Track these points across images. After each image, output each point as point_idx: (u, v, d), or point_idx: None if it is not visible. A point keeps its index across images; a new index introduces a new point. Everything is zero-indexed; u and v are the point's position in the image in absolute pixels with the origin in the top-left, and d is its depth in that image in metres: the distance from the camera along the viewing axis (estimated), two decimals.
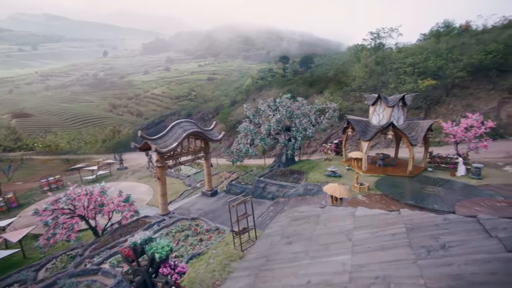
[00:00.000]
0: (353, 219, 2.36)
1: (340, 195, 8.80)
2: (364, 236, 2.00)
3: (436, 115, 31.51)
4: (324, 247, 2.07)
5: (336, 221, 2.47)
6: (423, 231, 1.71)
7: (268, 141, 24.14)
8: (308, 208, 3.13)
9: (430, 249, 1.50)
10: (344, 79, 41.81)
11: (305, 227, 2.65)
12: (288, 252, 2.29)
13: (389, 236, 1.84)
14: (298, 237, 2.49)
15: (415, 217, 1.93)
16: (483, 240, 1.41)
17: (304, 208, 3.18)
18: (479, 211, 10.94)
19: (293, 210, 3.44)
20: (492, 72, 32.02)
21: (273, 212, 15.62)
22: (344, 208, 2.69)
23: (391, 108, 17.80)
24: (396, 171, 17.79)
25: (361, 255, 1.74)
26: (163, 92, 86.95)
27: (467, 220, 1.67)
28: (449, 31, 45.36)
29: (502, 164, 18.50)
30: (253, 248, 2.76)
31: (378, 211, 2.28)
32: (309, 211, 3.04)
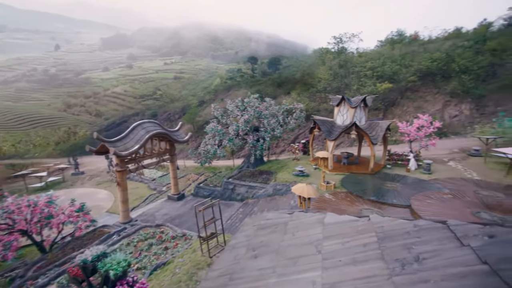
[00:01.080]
0: (322, 227, 2.21)
1: (308, 195, 8.89)
2: (334, 247, 1.85)
3: (392, 116, 34.07)
4: (293, 262, 1.88)
5: (305, 229, 2.31)
6: (394, 240, 1.61)
7: (237, 141, 23.85)
8: (276, 214, 2.93)
9: (404, 262, 1.39)
10: (310, 80, 43.21)
11: (273, 237, 2.44)
12: (253, 268, 2.05)
13: (360, 247, 1.71)
14: (265, 249, 2.27)
15: (385, 224, 1.83)
16: (456, 249, 1.32)
17: (271, 215, 2.97)
18: (430, 204, 11.93)
19: (260, 217, 3.22)
20: (437, 78, 35.65)
21: (243, 214, 15.39)
22: (312, 214, 2.54)
23: (354, 109, 18.70)
24: (359, 169, 18.72)
25: (332, 270, 1.58)
26: (125, 91, 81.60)
27: (437, 227, 1.60)
28: (402, 40, 49.56)
29: (446, 160, 20.55)
30: (216, 263, 2.47)
31: (347, 218, 2.17)
32: (277, 218, 2.85)
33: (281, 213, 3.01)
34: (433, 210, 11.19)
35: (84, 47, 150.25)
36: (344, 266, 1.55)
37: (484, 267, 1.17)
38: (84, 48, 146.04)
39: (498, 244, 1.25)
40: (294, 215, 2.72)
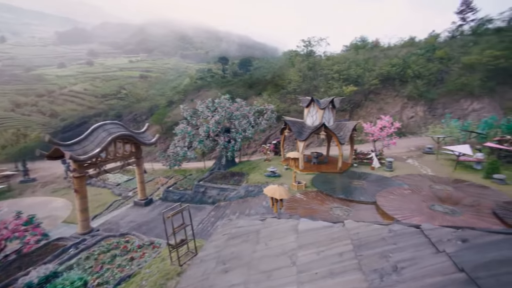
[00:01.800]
0: (296, 234, 2.10)
1: (280, 196, 8.89)
2: (309, 257, 1.74)
3: (358, 117, 36.02)
4: (266, 276, 1.74)
5: (278, 238, 2.18)
6: (371, 247, 1.55)
7: (207, 143, 23.31)
8: (247, 221, 2.77)
9: (382, 272, 1.33)
10: (281, 82, 43.96)
11: (244, 247, 2.28)
12: (224, 284, 1.87)
13: (336, 257, 1.63)
14: (236, 262, 2.10)
15: (360, 229, 1.78)
16: (433, 256, 1.29)
17: (242, 222, 2.81)
18: (393, 199, 12.71)
19: (231, 224, 3.03)
20: (396, 82, 38.56)
21: (214, 217, 15.01)
22: (285, 221, 2.43)
23: (323, 110, 19.33)
24: (328, 168, 19.38)
25: (309, 285, 1.47)
26: (85, 89, 75.43)
27: (412, 231, 1.57)
28: (365, 45, 52.79)
29: (405, 157, 22.22)
30: (184, 280, 2.24)
31: (321, 224, 2.09)
32: (248, 225, 2.69)
33: (253, 219, 2.86)
34: (396, 205, 11.93)
35: (35, 40, 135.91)
36: (320, 279, 1.45)
37: (462, 275, 1.14)
38: (35, 42, 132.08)
39: (472, 249, 1.23)
40: (266, 221, 2.58)
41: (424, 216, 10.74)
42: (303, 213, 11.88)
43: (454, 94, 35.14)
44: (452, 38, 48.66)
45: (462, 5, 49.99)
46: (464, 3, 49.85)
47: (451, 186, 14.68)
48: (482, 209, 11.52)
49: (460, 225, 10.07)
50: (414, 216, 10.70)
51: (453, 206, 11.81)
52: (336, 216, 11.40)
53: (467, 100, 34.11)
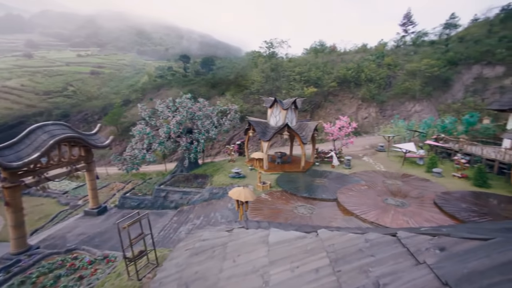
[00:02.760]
0: (266, 247, 1.92)
1: (245, 198, 8.72)
2: (283, 275, 1.57)
3: (318, 117, 37.71)
4: None
5: (247, 252, 1.98)
6: (348, 261, 1.43)
7: (168, 144, 22.12)
8: (212, 233, 2.51)
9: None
10: (244, 82, 43.97)
11: (210, 265, 2.02)
12: None
13: (313, 274, 1.48)
14: (201, 285, 1.84)
15: (335, 240, 1.66)
16: (414, 269, 1.22)
17: (207, 234, 2.53)
18: (352, 195, 13.47)
19: (194, 237, 2.73)
20: (351, 84, 41.38)
21: (177, 223, 14.22)
22: (254, 231, 2.23)
23: (286, 110, 19.70)
24: (292, 167, 19.82)
25: None
26: (22, 85, 66.06)
27: (388, 240, 1.50)
28: (323, 49, 55.64)
29: (361, 155, 23.89)
30: None
31: (293, 234, 1.93)
32: (214, 238, 2.43)
33: (219, 230, 2.60)
34: (354, 201, 12.65)
35: None
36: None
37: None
38: None
39: (452, 259, 1.17)
40: (234, 233, 2.35)
41: (379, 209, 11.55)
42: (269, 214, 11.90)
43: (400, 97, 38.98)
44: (397, 47, 54.00)
45: (404, 18, 55.80)
46: (406, 17, 55.71)
47: (400, 180, 16.13)
48: (425, 200, 12.84)
49: (409, 215, 11.06)
50: (371, 211, 11.45)
51: (403, 198, 12.95)
52: (301, 215, 11.64)
53: (411, 102, 38.13)
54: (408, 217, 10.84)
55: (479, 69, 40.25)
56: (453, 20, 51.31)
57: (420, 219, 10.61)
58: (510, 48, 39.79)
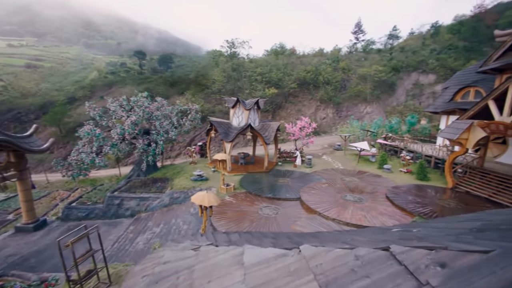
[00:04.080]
0: (242, 270, 1.63)
1: (209, 203, 8.27)
2: None
3: (279, 118, 38.54)
4: None
5: (219, 277, 1.67)
6: (342, 286, 1.23)
7: (123, 147, 20.29)
8: (176, 254, 2.13)
9: None
10: (205, 81, 42.83)
11: None
12: None
13: None
14: None
15: (321, 258, 1.45)
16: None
17: (169, 255, 2.14)
18: (314, 194, 13.88)
19: (153, 258, 2.32)
20: (310, 86, 43.25)
21: (134, 232, 13.01)
22: (225, 249, 1.92)
23: (248, 111, 19.58)
24: (255, 168, 19.77)
25: None
26: None
27: (381, 256, 1.34)
28: (283, 51, 57.17)
29: (321, 154, 25.00)
30: None
31: (272, 252, 1.68)
32: (177, 259, 2.06)
33: (183, 249, 2.23)
34: (317, 199, 13.05)
35: None
36: None
37: None
38: None
39: (456, 277, 1.04)
40: (201, 252, 2.01)
41: (339, 206, 12.09)
42: (234, 217, 11.58)
43: (353, 99, 41.99)
44: (350, 53, 58.19)
45: (356, 27, 60.49)
46: (357, 26, 60.45)
47: (357, 177, 17.22)
48: (379, 194, 13.87)
49: (366, 210, 11.78)
50: (333, 208, 11.92)
51: (360, 194, 13.80)
52: (266, 216, 11.57)
53: (363, 104, 41.35)
54: (365, 211, 11.54)
55: (417, 76, 45.54)
56: (395, 32, 57.29)
57: (376, 213, 11.38)
58: (439, 59, 45.86)
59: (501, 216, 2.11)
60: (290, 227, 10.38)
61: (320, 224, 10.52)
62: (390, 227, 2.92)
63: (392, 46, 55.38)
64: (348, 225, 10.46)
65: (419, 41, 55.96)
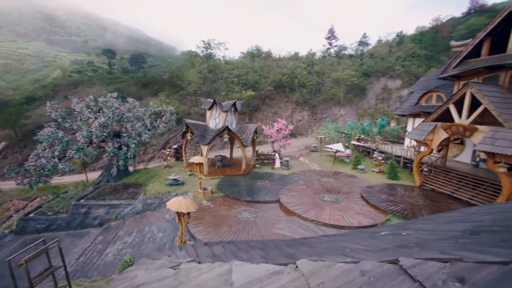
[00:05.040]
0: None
1: (186, 209, 7.84)
2: None
3: (256, 120, 38.57)
4: None
5: None
6: None
7: (90, 151, 18.90)
8: (151, 274, 1.85)
9: None
10: (180, 83, 41.62)
11: None
12: None
13: None
14: None
15: (322, 275, 1.29)
16: None
17: (143, 276, 1.85)
18: (293, 196, 13.93)
19: (125, 281, 2.01)
20: (286, 89, 43.91)
21: (103, 243, 12.06)
22: (210, 267, 1.69)
23: (225, 113, 19.25)
24: (233, 171, 19.45)
25: None
26: None
27: (391, 271, 1.21)
28: (260, 54, 57.56)
29: (298, 156, 25.34)
30: None
31: (264, 269, 1.48)
32: (154, 281, 1.78)
33: (159, 267, 1.95)
34: (295, 201, 13.09)
35: None
36: None
37: None
38: None
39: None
40: (181, 271, 1.75)
41: (318, 207, 12.23)
42: (212, 222, 11.20)
43: (328, 102, 43.36)
44: (324, 57, 60.21)
45: (329, 33, 62.78)
46: (330, 32, 62.78)
47: (333, 178, 17.64)
48: (354, 194, 14.29)
49: (343, 210, 12.03)
50: (311, 209, 12.02)
51: (336, 195, 14.11)
52: (245, 220, 11.34)
53: (337, 107, 42.86)
54: (342, 211, 11.78)
55: (385, 81, 48.33)
56: (365, 39, 60.40)
57: (352, 213, 11.67)
58: (404, 66, 49.17)
59: (488, 216, 2.14)
60: (270, 230, 10.26)
61: (299, 226, 10.53)
62: (378, 230, 2.88)
63: (363, 52, 58.27)
64: (326, 225, 10.59)
65: (386, 49, 59.56)
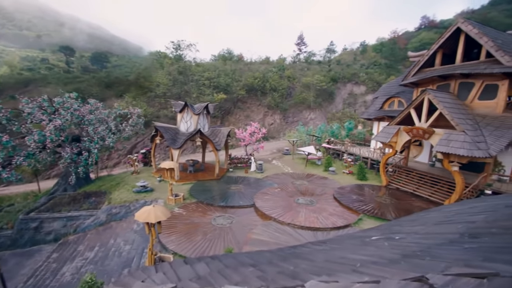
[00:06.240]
0: None
1: (156, 218, 7.23)
2: None
3: (228, 123, 38.12)
4: None
5: None
6: None
7: (43, 157, 16.97)
8: None
9: None
10: (148, 84, 39.63)
11: None
12: None
13: None
14: None
15: None
16: None
17: None
18: (268, 199, 13.81)
19: None
20: (258, 93, 44.19)
21: (58, 261, 10.71)
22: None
23: (197, 115, 18.64)
24: (205, 175, 18.84)
25: None
26: None
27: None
28: (231, 57, 57.31)
29: (270, 159, 25.45)
30: None
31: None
32: None
33: None
34: (270, 204, 12.99)
35: None
36: None
37: None
38: None
39: None
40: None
41: (293, 210, 12.25)
42: (185, 230, 10.60)
43: (298, 106, 44.49)
44: (294, 62, 61.92)
45: (299, 39, 64.79)
46: (299, 38, 64.83)
47: (306, 180, 17.93)
48: (327, 196, 14.62)
49: (318, 211, 12.19)
50: (287, 212, 11.99)
51: (311, 197, 14.31)
52: (220, 226, 10.92)
53: (307, 111, 44.15)
54: (317, 213, 11.94)
55: (351, 87, 51.11)
56: (332, 46, 63.41)
57: (327, 214, 11.88)
58: (367, 73, 52.54)
59: (475, 217, 2.16)
60: (246, 236, 9.98)
61: (276, 230, 10.41)
62: (366, 235, 2.80)
63: (330, 59, 61.06)
64: (303, 228, 10.61)
65: (351, 56, 63.20)
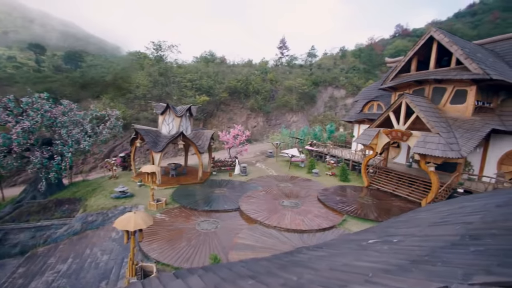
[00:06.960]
0: None
1: (136, 226, 6.81)
2: None
3: (211, 126, 37.61)
4: None
5: None
6: None
7: (8, 162, 15.68)
8: None
9: None
10: (127, 85, 38.16)
11: None
12: None
13: None
14: None
15: None
16: None
17: None
18: (253, 203, 13.67)
19: None
20: (241, 95, 44.10)
21: (25, 276, 9.81)
22: None
23: (180, 118, 18.16)
24: (188, 179, 18.34)
25: None
26: None
27: None
28: (213, 59, 56.85)
29: (254, 162, 25.37)
30: None
31: None
32: None
33: None
34: (256, 208, 12.85)
35: None
36: None
37: None
38: None
39: None
40: None
41: (278, 213, 12.20)
42: (168, 237, 10.16)
43: (281, 109, 44.92)
44: (276, 65, 62.62)
45: (281, 43, 65.73)
46: (282, 42, 65.79)
47: (290, 182, 18.00)
48: (311, 198, 14.75)
49: (303, 214, 12.22)
50: (272, 215, 11.91)
51: (295, 199, 14.35)
52: (205, 232, 10.60)
53: (290, 114, 44.69)
54: (302, 215, 11.97)
55: (332, 90, 52.51)
56: (313, 51, 64.95)
57: (312, 216, 11.94)
58: (347, 77, 54.27)
59: (471, 217, 2.18)
60: (232, 241, 9.75)
61: (262, 234, 10.28)
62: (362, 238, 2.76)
63: (311, 63, 62.45)
64: (289, 231, 10.57)
65: (332, 61, 65.04)
